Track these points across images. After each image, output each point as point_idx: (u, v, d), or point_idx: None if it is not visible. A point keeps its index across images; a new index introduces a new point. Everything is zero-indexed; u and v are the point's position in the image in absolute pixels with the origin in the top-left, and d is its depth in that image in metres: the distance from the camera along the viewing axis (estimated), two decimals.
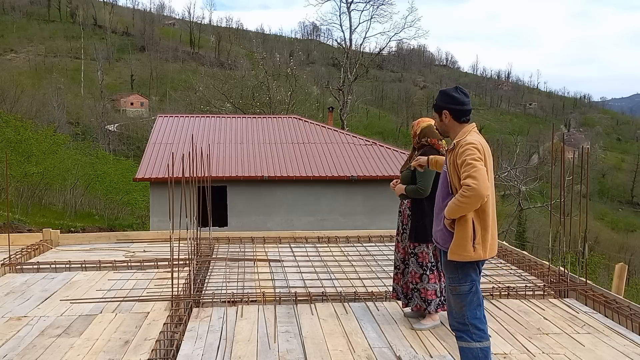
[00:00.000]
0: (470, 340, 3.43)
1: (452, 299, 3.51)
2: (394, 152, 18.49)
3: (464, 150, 3.36)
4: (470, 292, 3.45)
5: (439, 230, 3.54)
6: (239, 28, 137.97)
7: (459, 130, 3.54)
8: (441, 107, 3.58)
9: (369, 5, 39.00)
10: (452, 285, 3.49)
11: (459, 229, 3.39)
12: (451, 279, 3.49)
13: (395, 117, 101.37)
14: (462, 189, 3.29)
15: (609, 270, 22.82)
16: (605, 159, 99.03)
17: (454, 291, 3.48)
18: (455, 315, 3.50)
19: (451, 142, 3.57)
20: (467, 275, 3.45)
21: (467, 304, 3.45)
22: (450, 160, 3.44)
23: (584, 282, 5.70)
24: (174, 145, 17.41)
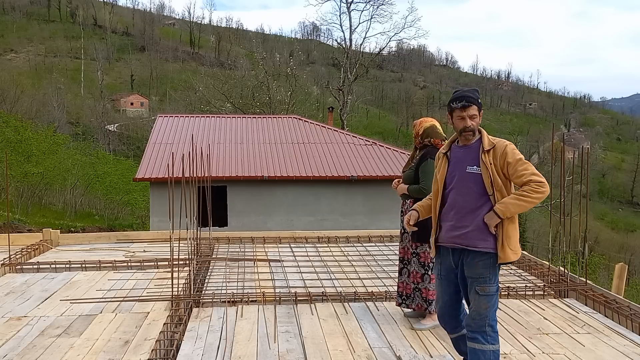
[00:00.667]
0: (485, 342, 3.39)
1: (476, 299, 3.40)
2: (394, 152, 18.48)
3: (512, 150, 3.38)
4: (496, 292, 3.45)
5: (469, 232, 3.40)
6: (239, 28, 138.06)
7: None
8: (481, 106, 3.50)
9: (369, 5, 39.03)
10: (480, 286, 3.39)
11: (511, 228, 3.36)
12: (481, 279, 3.39)
13: (395, 117, 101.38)
14: (534, 185, 3.27)
15: (609, 270, 22.81)
16: (605, 159, 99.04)
17: (482, 292, 3.38)
18: (474, 316, 3.42)
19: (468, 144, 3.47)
20: (496, 275, 3.43)
21: (492, 305, 3.41)
22: (490, 160, 3.37)
23: (584, 282, 5.70)
24: (174, 145, 17.40)
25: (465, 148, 3.50)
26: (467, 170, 3.43)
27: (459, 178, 3.46)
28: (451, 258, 3.53)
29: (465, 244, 3.43)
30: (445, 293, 3.64)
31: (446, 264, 3.58)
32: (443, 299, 3.66)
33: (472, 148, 3.46)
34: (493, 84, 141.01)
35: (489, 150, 3.39)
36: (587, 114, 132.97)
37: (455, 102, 3.45)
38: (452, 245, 3.51)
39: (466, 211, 3.43)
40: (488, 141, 3.43)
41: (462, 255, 3.47)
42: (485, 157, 3.38)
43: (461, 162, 3.47)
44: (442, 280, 3.64)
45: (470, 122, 3.44)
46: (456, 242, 3.48)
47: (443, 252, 3.59)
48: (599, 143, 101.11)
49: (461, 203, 3.44)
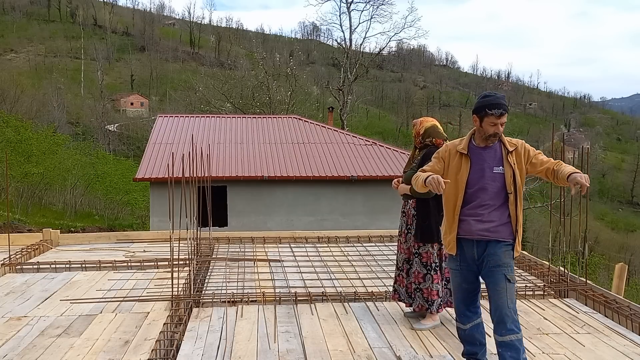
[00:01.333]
0: (518, 330, 3.55)
1: (509, 288, 3.56)
2: (394, 152, 18.48)
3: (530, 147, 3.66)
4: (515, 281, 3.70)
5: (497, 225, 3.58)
6: (239, 28, 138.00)
7: None
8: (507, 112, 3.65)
9: (369, 5, 38.98)
10: (510, 274, 3.58)
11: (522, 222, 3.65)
12: (509, 267, 3.59)
13: (395, 117, 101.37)
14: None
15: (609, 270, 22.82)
16: (605, 159, 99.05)
17: (512, 280, 3.59)
18: (510, 305, 3.54)
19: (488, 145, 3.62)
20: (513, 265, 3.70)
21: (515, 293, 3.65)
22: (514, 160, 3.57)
23: (584, 282, 5.70)
24: (174, 145, 17.40)
25: (487, 149, 3.63)
26: (494, 170, 3.60)
27: (487, 178, 3.60)
28: (475, 250, 3.66)
29: (493, 236, 3.60)
30: (465, 282, 3.75)
31: (468, 256, 3.68)
32: (462, 288, 3.77)
33: (494, 149, 3.62)
34: (493, 84, 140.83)
35: (512, 152, 3.59)
36: (587, 114, 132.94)
37: (491, 109, 3.54)
38: (478, 237, 3.64)
39: (493, 208, 3.60)
40: (510, 142, 3.62)
41: (487, 247, 3.62)
42: (510, 158, 3.57)
43: (486, 162, 3.61)
44: (462, 271, 3.74)
45: (501, 129, 3.62)
46: (483, 235, 3.62)
47: (465, 244, 3.69)
48: (599, 143, 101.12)
49: (489, 201, 3.61)
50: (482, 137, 3.62)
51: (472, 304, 3.79)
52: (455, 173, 3.67)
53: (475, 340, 3.81)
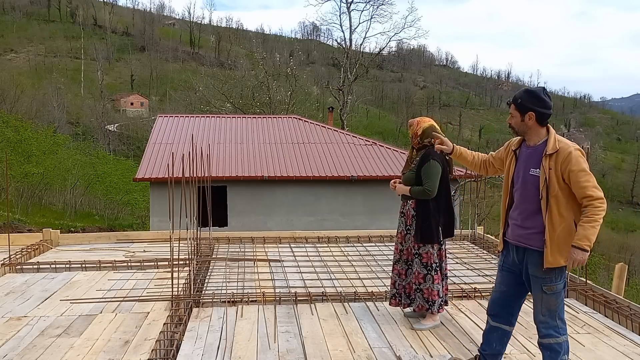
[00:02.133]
0: (558, 335, 3.48)
1: (544, 298, 3.47)
2: (394, 152, 18.47)
3: (577, 158, 3.33)
4: (564, 288, 3.53)
5: (531, 233, 3.46)
6: (239, 28, 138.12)
7: (540, 132, 3.49)
8: (527, 108, 3.45)
9: (369, 5, 38.97)
10: (547, 285, 3.45)
11: (564, 231, 3.37)
12: (546, 279, 3.45)
13: (395, 117, 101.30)
14: (597, 203, 3.27)
15: (609, 270, 22.81)
16: (605, 159, 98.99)
17: (549, 290, 3.46)
18: (545, 313, 3.49)
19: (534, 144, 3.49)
20: (562, 272, 3.48)
21: (560, 301, 3.49)
22: (548, 164, 3.37)
23: (584, 282, 5.70)
24: (174, 145, 17.40)
25: (532, 149, 3.52)
26: (530, 172, 3.48)
27: (523, 179, 3.52)
28: (515, 255, 3.61)
29: (530, 244, 3.50)
30: (503, 284, 3.70)
31: (510, 258, 3.66)
32: (500, 288, 3.72)
33: (537, 150, 3.47)
34: (493, 84, 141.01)
35: (551, 155, 3.38)
36: (587, 114, 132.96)
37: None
38: (516, 243, 3.59)
39: (529, 212, 3.49)
40: (553, 145, 3.41)
41: (525, 254, 3.54)
42: (545, 161, 3.39)
43: (526, 162, 3.53)
44: (503, 271, 3.71)
45: (509, 120, 3.58)
46: (520, 242, 3.56)
47: (509, 247, 3.67)
48: (599, 143, 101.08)
49: (524, 204, 3.52)
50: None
51: (505, 308, 3.70)
52: (506, 171, 3.67)
53: (490, 340, 3.75)
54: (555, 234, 3.36)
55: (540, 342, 3.55)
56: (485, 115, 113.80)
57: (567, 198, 3.36)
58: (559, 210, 3.36)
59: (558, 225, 3.36)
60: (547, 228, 3.38)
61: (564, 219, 3.36)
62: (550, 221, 3.37)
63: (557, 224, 3.36)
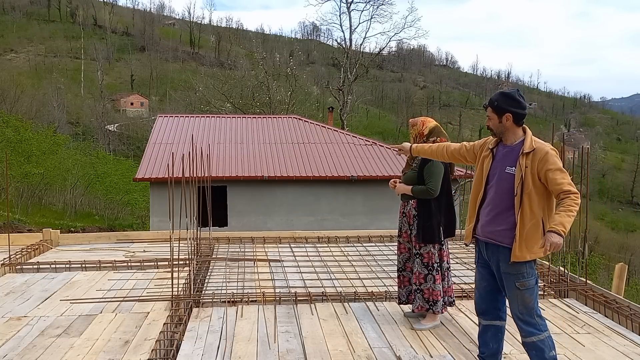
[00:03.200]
0: (540, 332, 3.49)
1: (519, 295, 3.50)
2: (394, 152, 18.47)
3: (554, 157, 3.42)
4: (536, 284, 3.55)
5: (502, 230, 3.52)
6: (239, 28, 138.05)
7: (517, 132, 3.58)
8: (504, 110, 3.56)
9: (369, 5, 39.00)
10: (519, 282, 3.49)
11: (533, 228, 3.44)
12: (518, 275, 3.49)
13: (395, 117, 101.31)
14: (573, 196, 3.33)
15: (609, 270, 22.80)
16: (605, 159, 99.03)
17: (522, 287, 3.49)
18: (522, 310, 3.51)
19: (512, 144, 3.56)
20: (532, 268, 3.52)
21: (535, 296, 3.52)
22: (525, 162, 3.45)
23: (584, 282, 5.70)
24: (174, 145, 17.40)
25: (508, 148, 3.59)
26: (506, 170, 3.54)
27: (498, 177, 3.58)
28: (485, 252, 3.67)
29: (499, 240, 3.54)
30: (482, 280, 3.74)
31: (482, 255, 3.71)
32: (481, 284, 3.75)
33: (514, 149, 3.55)
34: (493, 84, 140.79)
35: (528, 153, 3.47)
36: (587, 114, 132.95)
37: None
38: (486, 240, 3.64)
39: (500, 209, 3.55)
40: (529, 144, 3.50)
41: (496, 252, 3.58)
42: (522, 159, 3.47)
43: (503, 161, 3.59)
44: (479, 267, 3.75)
45: (487, 122, 3.67)
46: (490, 238, 3.61)
47: (480, 243, 3.72)
48: (599, 143, 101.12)
49: (497, 201, 3.57)
50: None
51: (490, 303, 3.72)
52: (480, 168, 3.72)
53: (486, 340, 3.75)
54: (525, 230, 3.43)
55: (524, 342, 3.56)
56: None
57: (539, 196, 3.44)
58: (530, 207, 3.43)
59: (528, 221, 3.43)
60: (518, 223, 3.44)
61: (534, 216, 3.43)
62: (522, 217, 3.44)
63: (528, 220, 3.43)
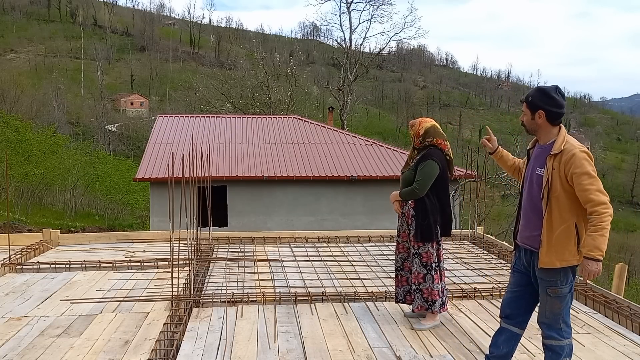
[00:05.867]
0: (561, 338, 3.42)
1: (549, 301, 3.41)
2: (394, 152, 18.48)
3: (582, 160, 3.24)
4: (569, 293, 3.44)
5: (537, 236, 3.39)
6: (239, 28, 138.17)
7: (551, 131, 3.41)
8: (537, 106, 3.39)
9: (369, 5, 39.08)
10: (552, 288, 3.39)
11: (563, 233, 3.30)
12: (551, 281, 3.38)
13: (395, 117, 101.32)
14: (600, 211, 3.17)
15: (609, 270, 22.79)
16: (605, 159, 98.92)
17: (554, 294, 3.39)
18: (548, 315, 3.44)
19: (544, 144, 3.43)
20: (568, 276, 3.39)
21: (565, 304, 3.41)
22: (552, 165, 3.31)
23: (584, 282, 5.69)
24: (174, 145, 17.40)
25: (541, 148, 3.47)
26: (536, 171, 3.43)
27: (529, 179, 3.49)
28: (524, 257, 3.57)
29: (535, 246, 3.43)
30: (515, 285, 3.64)
31: (521, 260, 3.60)
32: (512, 289, 3.66)
33: (546, 149, 3.41)
34: (493, 84, 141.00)
35: (556, 155, 3.31)
36: (587, 114, 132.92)
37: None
38: (524, 246, 3.54)
39: (533, 213, 3.44)
40: (559, 145, 3.33)
41: (532, 258, 3.48)
42: (549, 161, 3.33)
43: (535, 161, 3.49)
44: (515, 273, 3.66)
45: (521, 118, 3.55)
46: (526, 244, 3.51)
47: (519, 249, 3.62)
48: (599, 143, 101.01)
49: (529, 205, 3.47)
50: None
51: (516, 309, 3.61)
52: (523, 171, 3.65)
53: (497, 342, 3.67)
54: (553, 235, 3.30)
55: (543, 343, 3.52)
56: (485, 115, 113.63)
57: (570, 200, 3.28)
58: (560, 211, 3.28)
59: (557, 226, 3.29)
60: (544, 227, 3.32)
61: (564, 221, 3.28)
62: (549, 222, 3.31)
63: (557, 225, 3.29)
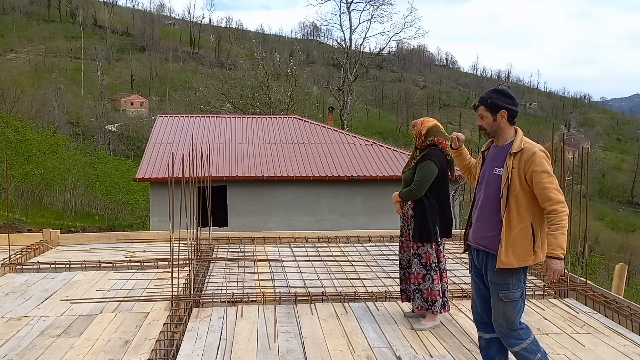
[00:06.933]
0: (522, 340, 3.37)
1: (502, 306, 3.36)
2: (394, 152, 18.48)
3: (541, 159, 3.25)
4: (521, 297, 3.40)
5: (492, 236, 3.36)
6: (239, 28, 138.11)
7: (509, 131, 3.42)
8: (499, 107, 3.38)
9: (369, 5, 39.00)
10: (503, 292, 3.34)
11: (521, 232, 3.28)
12: (502, 285, 3.35)
13: (395, 117, 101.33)
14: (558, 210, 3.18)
15: (609, 270, 22.79)
16: (605, 159, 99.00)
17: (506, 298, 3.34)
18: (502, 322, 3.38)
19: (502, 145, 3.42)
20: (520, 280, 3.38)
21: (517, 309, 3.37)
22: (512, 163, 3.30)
23: (584, 282, 5.70)
24: (174, 145, 17.40)
25: (498, 149, 3.46)
26: (494, 171, 3.42)
27: (487, 179, 3.47)
28: (476, 258, 3.54)
29: (489, 247, 3.40)
30: (479, 290, 3.60)
31: (474, 263, 3.58)
32: (477, 296, 3.62)
33: (504, 149, 3.41)
34: (493, 84, 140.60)
35: (515, 154, 3.32)
36: (587, 114, 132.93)
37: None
38: (476, 246, 3.51)
39: (490, 214, 3.42)
40: (518, 144, 3.34)
41: (485, 259, 3.45)
42: (509, 160, 3.32)
43: (492, 162, 3.47)
44: (474, 277, 3.63)
45: (480, 122, 3.50)
46: (480, 244, 3.48)
47: (471, 250, 3.59)
48: (599, 143, 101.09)
49: (485, 205, 3.45)
50: None
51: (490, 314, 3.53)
52: (476, 173, 3.63)
53: (491, 355, 3.59)
54: (512, 234, 3.28)
55: (512, 352, 3.45)
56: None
57: (527, 199, 3.27)
58: (518, 210, 3.27)
59: (515, 225, 3.28)
60: (504, 227, 3.29)
61: (522, 220, 3.27)
62: (508, 221, 3.29)
63: (515, 224, 3.28)
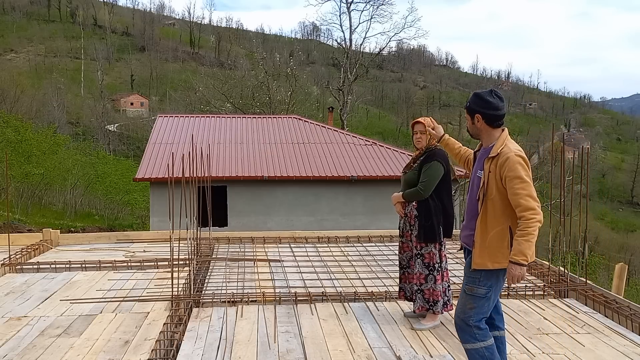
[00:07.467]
0: (475, 340, 3.39)
1: (464, 297, 3.44)
2: (394, 152, 18.48)
3: (515, 164, 3.25)
4: (484, 297, 3.40)
5: (472, 235, 3.44)
6: (239, 28, 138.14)
7: (492, 134, 3.43)
8: (474, 110, 3.43)
9: (369, 5, 39.00)
10: (469, 285, 3.41)
11: (497, 236, 3.31)
12: (471, 278, 3.41)
13: (395, 117, 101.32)
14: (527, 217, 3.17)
15: (609, 270, 22.79)
16: (605, 159, 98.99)
17: (469, 291, 3.41)
18: (459, 313, 3.45)
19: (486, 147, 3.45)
20: (488, 280, 3.38)
21: (478, 307, 3.39)
22: (489, 167, 3.33)
23: (584, 282, 5.70)
24: (174, 145, 17.41)
25: (483, 150, 3.51)
26: (477, 174, 3.48)
27: (472, 180, 3.56)
28: (465, 256, 3.65)
29: (470, 245, 3.49)
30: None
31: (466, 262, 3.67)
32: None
33: (486, 152, 3.46)
34: (493, 84, 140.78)
35: (492, 158, 3.35)
36: (587, 114, 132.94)
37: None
38: (462, 244, 3.64)
39: (472, 214, 3.48)
40: (497, 148, 3.36)
41: (468, 256, 3.56)
42: (487, 164, 3.38)
43: (477, 164, 3.56)
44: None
45: (467, 125, 3.58)
46: (465, 242, 3.58)
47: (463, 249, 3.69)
48: (599, 143, 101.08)
49: (469, 205, 3.53)
50: None
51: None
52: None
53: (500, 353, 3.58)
54: (487, 237, 3.32)
55: (464, 348, 3.48)
56: None
57: (504, 203, 3.29)
58: (494, 214, 3.30)
59: (491, 228, 3.32)
60: (477, 229, 3.35)
61: (499, 224, 3.30)
62: (483, 223, 3.33)
63: (490, 228, 3.32)
